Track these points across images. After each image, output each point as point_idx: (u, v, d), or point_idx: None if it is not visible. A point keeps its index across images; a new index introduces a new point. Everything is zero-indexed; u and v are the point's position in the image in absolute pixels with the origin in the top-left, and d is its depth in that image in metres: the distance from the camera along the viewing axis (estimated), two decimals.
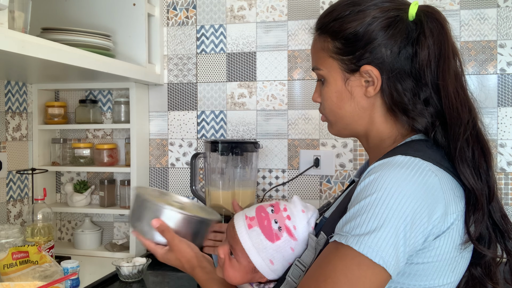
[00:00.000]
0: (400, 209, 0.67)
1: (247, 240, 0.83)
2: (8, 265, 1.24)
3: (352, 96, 0.82)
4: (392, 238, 0.66)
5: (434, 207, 0.70)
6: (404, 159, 0.71)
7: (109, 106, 1.87)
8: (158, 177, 1.83)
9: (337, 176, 1.68)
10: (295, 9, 1.70)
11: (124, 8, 1.68)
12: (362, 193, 0.70)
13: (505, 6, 1.57)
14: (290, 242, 0.82)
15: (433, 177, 0.71)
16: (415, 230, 0.68)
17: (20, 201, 1.78)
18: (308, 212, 0.84)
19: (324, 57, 0.84)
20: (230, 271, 0.86)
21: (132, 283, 1.49)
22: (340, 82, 0.83)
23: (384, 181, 0.69)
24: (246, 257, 0.83)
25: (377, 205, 0.68)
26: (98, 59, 1.38)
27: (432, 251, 0.72)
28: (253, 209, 0.86)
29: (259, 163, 1.72)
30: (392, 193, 0.68)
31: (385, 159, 0.73)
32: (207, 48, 1.77)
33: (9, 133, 1.72)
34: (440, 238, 0.72)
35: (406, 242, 0.67)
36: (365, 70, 0.79)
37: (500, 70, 1.57)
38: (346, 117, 0.85)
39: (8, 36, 1.02)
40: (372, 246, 0.66)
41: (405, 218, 0.67)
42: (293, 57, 1.70)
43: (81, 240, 1.80)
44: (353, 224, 0.69)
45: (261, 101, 1.73)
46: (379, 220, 0.67)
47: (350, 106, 0.83)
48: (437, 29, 0.78)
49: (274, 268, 0.83)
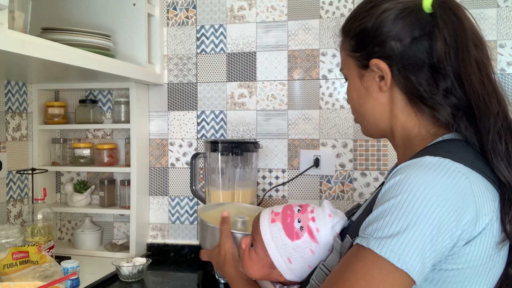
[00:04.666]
0: (426, 212, 0.64)
1: (268, 233, 0.83)
2: (8, 265, 1.24)
3: (369, 93, 0.82)
4: (417, 243, 0.64)
5: (463, 211, 0.66)
6: (432, 160, 0.69)
7: (109, 106, 1.87)
8: (158, 177, 1.83)
9: (337, 176, 1.68)
10: (295, 9, 1.70)
11: (124, 8, 1.68)
12: (387, 195, 0.68)
13: (505, 6, 1.57)
14: (311, 243, 0.81)
15: (463, 179, 0.67)
16: (442, 235, 0.65)
17: (20, 201, 1.78)
18: (335, 217, 0.83)
19: (344, 56, 0.86)
20: (248, 262, 0.87)
21: (132, 283, 1.49)
22: (357, 79, 0.83)
23: (411, 182, 0.66)
24: (265, 250, 0.84)
25: (402, 207, 0.65)
26: (98, 59, 1.38)
27: (463, 257, 0.68)
28: (281, 206, 0.87)
29: (259, 163, 1.72)
30: (418, 195, 0.65)
31: (413, 159, 0.70)
32: (207, 48, 1.77)
33: (9, 133, 1.72)
34: (472, 244, 0.68)
35: (432, 247, 0.65)
36: (374, 64, 0.79)
37: (500, 70, 1.57)
38: (367, 114, 0.84)
39: (8, 36, 1.02)
40: (394, 250, 0.64)
41: (431, 222, 0.64)
42: (293, 57, 1.70)
43: (81, 240, 1.80)
44: (376, 226, 0.67)
45: (261, 101, 1.73)
46: (403, 223, 0.64)
47: (368, 103, 0.83)
48: (451, 20, 0.76)
49: (292, 267, 0.83)
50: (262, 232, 0.84)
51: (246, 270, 0.88)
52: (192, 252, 1.78)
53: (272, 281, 0.88)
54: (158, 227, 1.83)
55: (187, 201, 1.80)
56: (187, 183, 1.80)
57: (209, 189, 1.54)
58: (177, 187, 1.81)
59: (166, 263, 1.74)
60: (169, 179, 1.82)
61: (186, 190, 1.81)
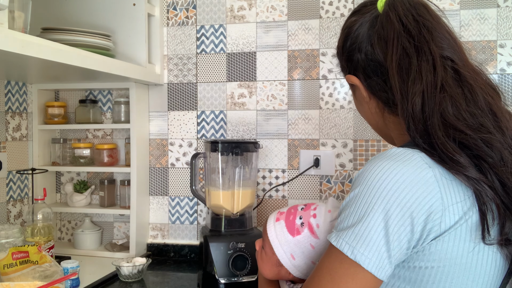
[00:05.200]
0: (380, 203, 0.62)
1: (273, 232, 0.87)
2: (8, 265, 1.24)
3: (362, 104, 0.86)
4: (371, 234, 0.62)
5: (424, 203, 0.63)
6: (396, 151, 0.68)
7: (109, 106, 1.87)
8: (158, 177, 1.82)
9: (337, 176, 1.68)
10: (295, 9, 1.70)
11: (124, 8, 1.68)
12: (351, 188, 0.71)
13: (505, 6, 1.57)
14: (311, 238, 0.84)
15: (425, 169, 0.64)
16: (401, 226, 0.62)
17: (20, 201, 1.78)
18: (334, 212, 0.85)
19: None
20: (260, 263, 0.91)
21: (132, 283, 1.49)
22: (353, 94, 0.88)
23: (368, 173, 0.66)
24: (271, 248, 0.88)
25: (358, 199, 0.65)
26: (98, 59, 1.38)
27: (435, 253, 0.65)
28: (288, 206, 0.92)
29: (259, 163, 1.72)
30: (373, 186, 0.64)
31: (381, 152, 0.72)
32: (207, 48, 1.77)
33: (9, 133, 1.72)
34: (442, 239, 0.64)
35: (388, 239, 0.62)
36: (347, 79, 0.83)
37: (500, 70, 1.57)
38: (370, 124, 0.87)
39: (8, 36, 1.02)
40: (349, 242, 0.63)
41: (386, 212, 0.62)
42: (293, 57, 1.70)
43: (81, 240, 1.80)
44: (338, 220, 0.68)
45: (261, 101, 1.73)
46: (359, 215, 0.64)
47: (365, 113, 0.86)
48: (390, 18, 0.74)
49: (296, 263, 0.85)
50: (268, 231, 0.88)
51: (260, 270, 0.92)
52: (192, 252, 1.78)
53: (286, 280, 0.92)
54: (158, 227, 1.83)
55: (187, 201, 1.80)
56: (187, 183, 1.80)
57: (209, 189, 1.54)
58: (177, 187, 1.81)
59: (166, 263, 1.74)
60: (169, 179, 1.82)
61: (186, 190, 1.81)
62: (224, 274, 1.37)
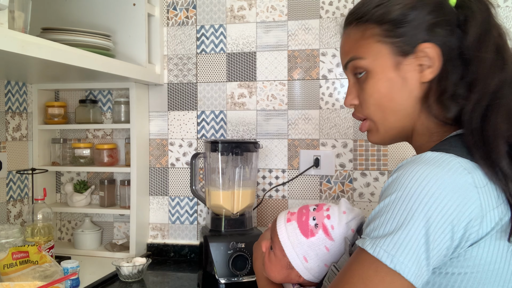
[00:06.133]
0: (421, 209, 0.61)
1: (284, 233, 0.84)
2: (8, 265, 1.24)
3: (406, 83, 0.75)
4: (411, 242, 0.61)
5: (465, 209, 0.62)
6: (432, 155, 0.65)
7: (109, 106, 1.87)
8: (158, 177, 1.82)
9: (337, 176, 1.68)
10: (295, 9, 1.70)
11: (124, 8, 1.68)
12: (384, 193, 0.66)
13: (505, 6, 1.57)
14: (325, 240, 0.81)
15: (464, 174, 0.63)
16: (441, 234, 0.61)
17: (20, 201, 1.78)
18: (349, 214, 0.82)
19: (367, 44, 0.76)
20: (268, 265, 0.88)
21: (132, 283, 1.49)
22: (391, 69, 0.75)
23: (406, 178, 0.63)
24: (282, 250, 0.84)
25: (396, 205, 0.62)
26: (98, 59, 1.38)
27: (470, 260, 0.64)
28: (298, 206, 0.88)
29: (259, 163, 1.72)
30: (413, 192, 0.62)
31: (415, 156, 0.67)
32: (207, 48, 1.77)
33: (9, 133, 1.72)
34: (479, 245, 0.63)
35: (429, 247, 0.61)
36: (423, 49, 0.73)
37: None
38: (398, 110, 0.76)
39: (8, 36, 1.02)
40: (388, 250, 0.61)
41: (427, 219, 0.61)
42: (293, 57, 1.70)
43: (81, 240, 1.80)
44: (372, 227, 0.64)
45: (261, 101, 1.73)
46: (398, 222, 0.62)
47: (402, 96, 0.75)
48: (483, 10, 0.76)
49: (308, 266, 0.82)
50: (278, 232, 0.85)
51: (267, 273, 0.88)
52: (192, 252, 1.78)
53: (293, 283, 0.88)
54: (158, 227, 1.83)
55: (187, 201, 1.80)
56: (187, 183, 1.80)
57: (209, 189, 1.55)
58: (177, 187, 1.81)
59: (166, 263, 1.74)
60: (169, 179, 1.82)
61: (186, 190, 1.81)
62: (224, 274, 1.37)
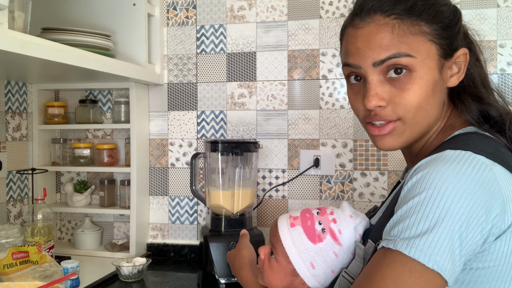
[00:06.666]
0: (454, 207, 0.61)
1: (288, 239, 0.79)
2: (8, 265, 1.24)
3: (444, 86, 0.77)
4: (446, 240, 0.60)
5: (492, 204, 0.63)
6: (454, 154, 0.66)
7: (109, 106, 1.87)
8: (158, 177, 1.82)
9: (337, 176, 1.68)
10: (295, 9, 1.70)
11: (124, 8, 1.68)
12: (410, 193, 0.65)
13: (505, 6, 1.57)
14: (334, 246, 0.77)
15: (487, 171, 0.64)
16: (472, 231, 0.62)
17: (20, 201, 1.78)
18: (356, 218, 0.80)
19: (418, 42, 0.73)
20: (269, 273, 0.82)
21: (132, 283, 1.49)
22: (435, 70, 0.74)
23: (434, 177, 0.63)
24: (286, 257, 0.79)
25: (428, 204, 0.62)
26: (98, 59, 1.38)
27: (494, 253, 0.65)
28: (298, 210, 0.83)
29: (259, 163, 1.72)
30: (444, 190, 0.62)
31: (434, 155, 0.68)
32: (207, 48, 1.77)
33: (9, 133, 1.72)
34: (502, 238, 0.65)
35: (462, 244, 0.61)
36: (461, 54, 0.76)
37: (500, 70, 1.57)
38: (431, 113, 0.76)
39: (8, 36, 1.02)
40: (424, 250, 0.60)
41: (459, 217, 0.61)
42: (293, 57, 1.70)
43: (81, 240, 1.80)
44: (402, 227, 0.63)
45: (261, 101, 1.73)
46: (431, 221, 0.61)
47: (438, 98, 0.76)
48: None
49: (315, 273, 0.78)
50: (282, 237, 0.80)
51: (267, 281, 0.83)
52: (192, 252, 1.78)
53: None
54: (158, 227, 1.83)
55: (187, 201, 1.80)
56: (187, 183, 1.80)
57: (209, 189, 1.55)
58: (177, 187, 1.81)
59: (166, 263, 1.74)
60: (169, 179, 1.82)
61: (186, 190, 1.81)
62: (224, 274, 1.37)
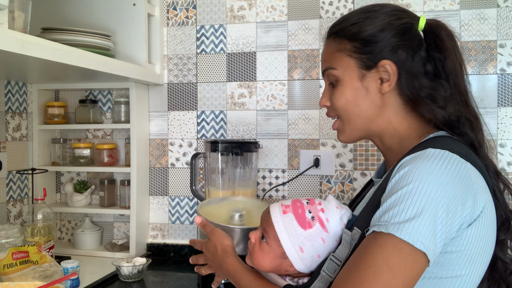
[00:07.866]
0: (437, 196, 0.71)
1: (280, 224, 0.87)
2: (8, 265, 1.24)
3: (368, 92, 0.87)
4: (431, 225, 0.70)
5: (466, 196, 0.73)
6: (435, 152, 0.76)
7: (109, 106, 1.87)
8: (158, 177, 1.83)
9: (337, 176, 1.68)
10: (295, 9, 1.70)
11: (124, 8, 1.68)
12: (397, 184, 0.74)
13: (505, 6, 1.57)
14: (322, 232, 0.86)
15: (463, 167, 0.75)
16: (451, 218, 0.71)
17: (20, 201, 1.78)
18: (342, 209, 0.88)
19: (340, 57, 0.89)
20: (259, 255, 0.90)
21: (132, 283, 1.49)
22: (356, 80, 0.87)
23: (420, 171, 0.73)
24: (277, 241, 0.87)
25: (415, 193, 0.71)
26: (98, 59, 1.38)
27: (465, 239, 0.75)
28: (289, 200, 0.92)
29: (259, 163, 1.72)
30: (429, 182, 0.71)
31: (416, 152, 0.77)
32: (207, 48, 1.77)
33: (9, 133, 1.72)
34: (472, 226, 0.75)
35: (443, 229, 0.71)
36: (383, 64, 0.85)
37: (500, 70, 1.57)
38: (361, 116, 0.89)
39: (8, 36, 1.02)
40: (412, 233, 0.69)
41: (442, 205, 0.71)
42: (293, 57, 1.70)
43: (81, 240, 1.80)
44: (392, 213, 0.72)
45: (261, 101, 1.73)
46: (418, 207, 0.70)
47: (365, 103, 0.88)
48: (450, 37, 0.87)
49: (303, 256, 0.86)
50: (274, 222, 0.88)
51: (256, 263, 0.90)
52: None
53: (281, 274, 0.91)
54: (158, 227, 1.83)
55: (187, 201, 1.80)
56: (187, 183, 1.80)
57: (209, 189, 1.54)
58: (177, 187, 1.81)
59: (166, 263, 1.74)
60: (169, 179, 1.82)
61: (186, 190, 1.81)
62: None
